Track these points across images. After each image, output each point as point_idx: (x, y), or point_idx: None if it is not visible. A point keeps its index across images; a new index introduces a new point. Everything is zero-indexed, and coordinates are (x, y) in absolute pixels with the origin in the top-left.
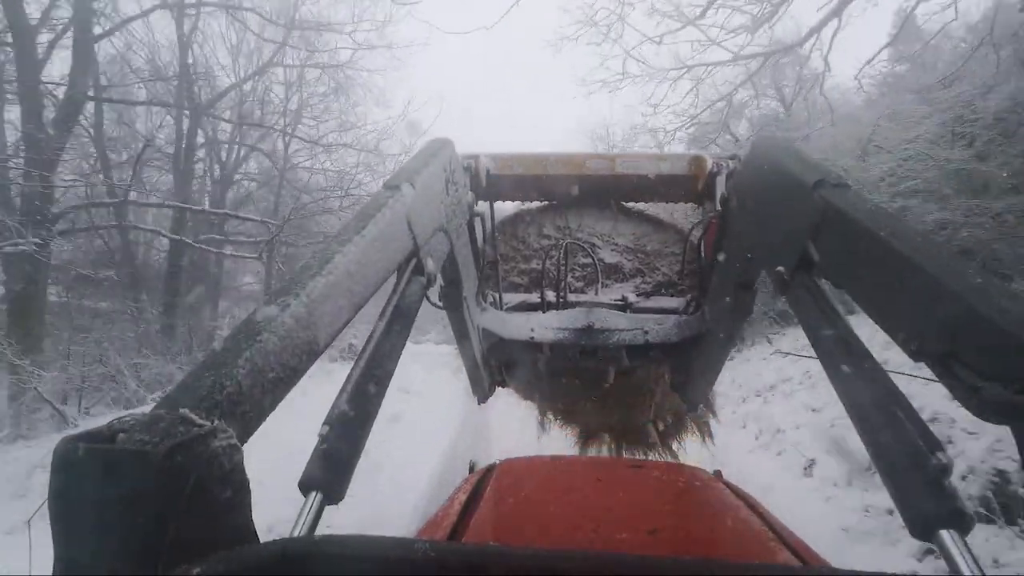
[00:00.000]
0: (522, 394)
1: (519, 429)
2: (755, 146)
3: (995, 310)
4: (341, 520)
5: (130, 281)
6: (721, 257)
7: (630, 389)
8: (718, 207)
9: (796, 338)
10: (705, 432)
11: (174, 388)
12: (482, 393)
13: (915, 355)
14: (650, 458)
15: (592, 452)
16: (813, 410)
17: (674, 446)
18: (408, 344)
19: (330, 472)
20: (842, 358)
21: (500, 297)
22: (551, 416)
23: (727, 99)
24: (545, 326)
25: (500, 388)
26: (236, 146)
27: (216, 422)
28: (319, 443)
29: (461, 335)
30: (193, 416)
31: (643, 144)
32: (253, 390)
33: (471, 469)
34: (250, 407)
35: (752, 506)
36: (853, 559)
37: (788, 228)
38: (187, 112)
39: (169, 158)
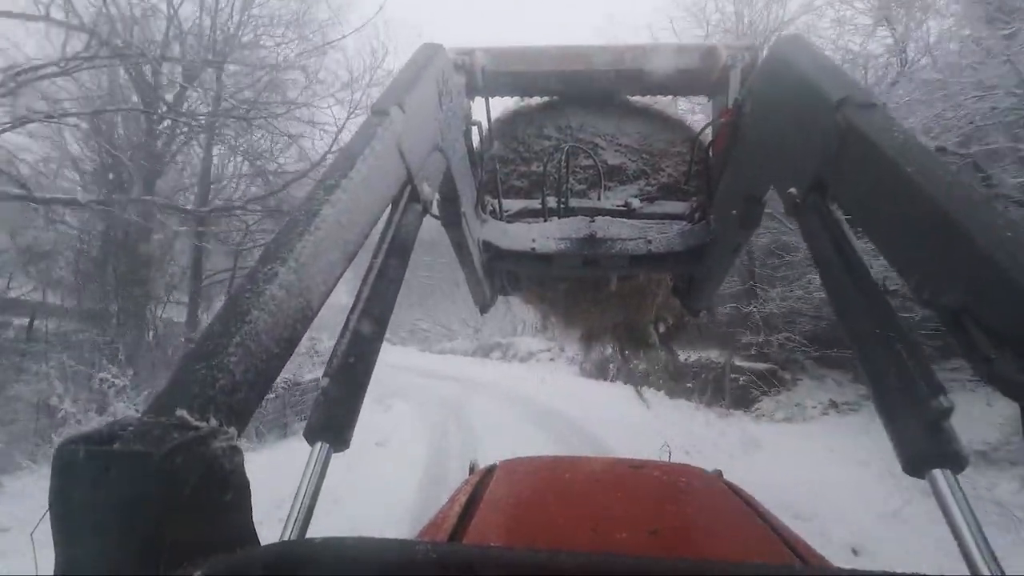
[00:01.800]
0: (524, 300)
1: None
2: (776, 48)
3: (1018, 267)
4: None
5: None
6: (730, 165)
7: (632, 291)
8: (729, 104)
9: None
10: (706, 334)
11: (166, 386)
12: (484, 303)
13: (927, 303)
14: (651, 356)
15: (594, 353)
16: None
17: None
18: (426, 354)
19: (334, 421)
20: (850, 290)
21: (500, 206)
22: (553, 320)
23: None
24: (546, 236)
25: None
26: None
27: (213, 421)
28: (320, 394)
29: (461, 249)
30: (189, 419)
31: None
32: (247, 375)
33: (471, 470)
34: (244, 394)
35: (752, 506)
36: None
37: (804, 146)
38: None
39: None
